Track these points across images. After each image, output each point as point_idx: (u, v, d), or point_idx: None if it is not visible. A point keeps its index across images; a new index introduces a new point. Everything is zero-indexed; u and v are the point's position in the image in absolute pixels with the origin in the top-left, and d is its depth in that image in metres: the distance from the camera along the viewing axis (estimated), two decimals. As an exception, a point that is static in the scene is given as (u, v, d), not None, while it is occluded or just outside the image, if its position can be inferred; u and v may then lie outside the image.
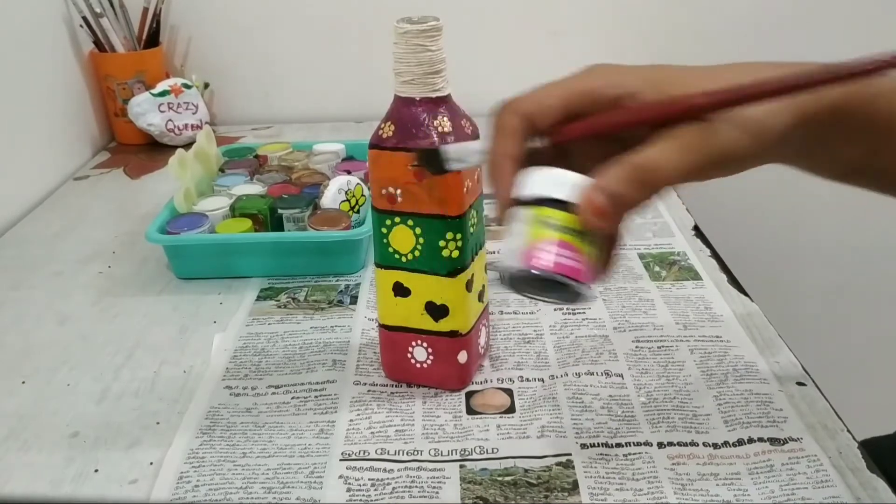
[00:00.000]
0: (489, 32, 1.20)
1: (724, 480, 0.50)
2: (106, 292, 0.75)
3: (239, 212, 0.78)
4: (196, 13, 1.20)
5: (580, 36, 1.22)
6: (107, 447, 0.55)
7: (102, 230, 0.88)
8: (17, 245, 0.86)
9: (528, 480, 0.50)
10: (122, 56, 1.12)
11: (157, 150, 1.12)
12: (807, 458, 0.51)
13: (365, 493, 0.50)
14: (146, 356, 0.65)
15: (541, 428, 0.55)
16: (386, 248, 0.56)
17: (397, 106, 0.53)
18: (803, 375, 0.60)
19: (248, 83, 1.24)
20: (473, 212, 0.56)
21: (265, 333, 0.67)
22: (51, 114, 1.05)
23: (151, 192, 0.97)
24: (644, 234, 0.83)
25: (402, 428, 0.56)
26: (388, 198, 0.54)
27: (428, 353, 0.58)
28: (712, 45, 1.18)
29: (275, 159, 0.93)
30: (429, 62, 0.51)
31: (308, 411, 0.58)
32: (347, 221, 0.75)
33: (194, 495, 0.50)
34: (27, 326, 0.70)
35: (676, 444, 0.53)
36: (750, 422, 0.55)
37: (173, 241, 0.75)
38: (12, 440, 0.56)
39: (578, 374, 0.60)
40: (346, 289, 0.74)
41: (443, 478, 0.51)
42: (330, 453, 0.53)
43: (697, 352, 0.63)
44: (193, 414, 0.58)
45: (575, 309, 0.69)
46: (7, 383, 0.62)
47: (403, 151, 0.52)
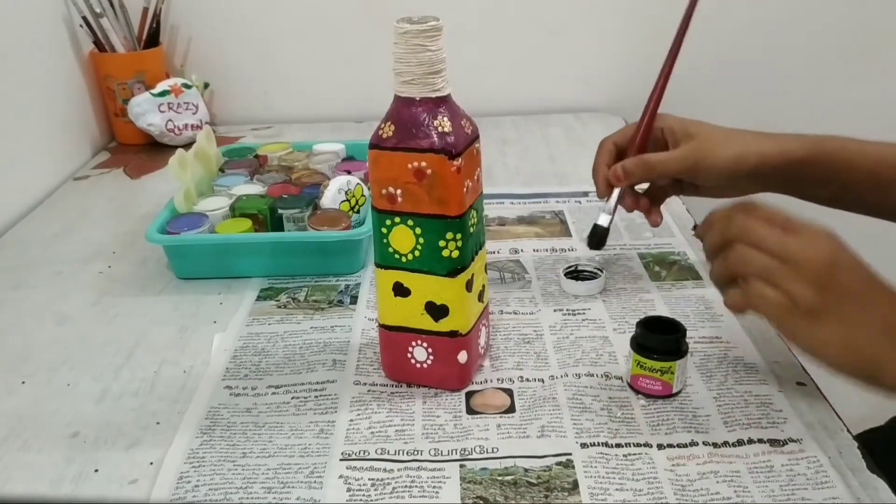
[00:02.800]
0: (489, 32, 1.20)
1: (724, 478, 0.50)
2: (106, 292, 0.75)
3: (239, 212, 0.78)
4: (196, 13, 1.20)
5: (580, 36, 1.22)
6: (107, 447, 0.55)
7: (102, 230, 0.88)
8: (17, 245, 0.86)
9: (528, 480, 0.50)
10: (122, 56, 1.12)
11: (157, 150, 1.12)
12: (807, 458, 0.51)
13: (365, 492, 0.50)
14: (146, 356, 0.65)
15: (541, 428, 0.55)
16: (386, 248, 0.56)
17: (397, 106, 0.53)
18: (803, 375, 0.60)
19: (248, 83, 1.24)
20: (473, 212, 0.56)
21: (265, 333, 0.67)
22: (51, 114, 1.05)
23: (151, 192, 0.97)
24: (644, 234, 0.83)
25: (402, 428, 0.56)
26: (388, 198, 0.54)
27: (428, 353, 0.58)
28: (713, 45, 1.18)
29: (275, 159, 0.93)
30: (429, 62, 0.51)
31: (308, 411, 0.58)
32: (347, 221, 0.75)
33: (194, 495, 0.50)
34: (27, 326, 0.70)
35: (676, 446, 0.53)
36: (750, 423, 0.55)
37: (173, 241, 0.75)
38: (12, 440, 0.56)
39: (578, 376, 0.60)
40: (346, 289, 0.74)
41: (443, 478, 0.51)
42: (330, 453, 0.53)
43: (697, 353, 0.63)
44: (193, 414, 0.58)
45: (574, 310, 0.69)
46: (7, 383, 0.62)
47: (403, 151, 0.52)
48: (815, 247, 0.51)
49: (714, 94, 1.15)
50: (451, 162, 0.52)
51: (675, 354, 0.57)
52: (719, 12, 1.18)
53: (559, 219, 0.87)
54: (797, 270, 0.50)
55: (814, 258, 0.51)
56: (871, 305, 0.51)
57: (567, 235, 0.83)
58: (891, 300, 0.51)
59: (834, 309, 0.50)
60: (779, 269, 0.51)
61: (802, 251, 0.51)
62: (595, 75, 1.24)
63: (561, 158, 1.06)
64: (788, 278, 0.50)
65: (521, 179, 0.99)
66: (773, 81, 1.23)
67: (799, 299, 0.50)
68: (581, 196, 0.93)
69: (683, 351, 0.57)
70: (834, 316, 0.50)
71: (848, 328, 0.50)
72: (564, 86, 1.25)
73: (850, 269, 0.51)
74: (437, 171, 0.52)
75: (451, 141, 0.52)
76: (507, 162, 1.05)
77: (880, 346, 0.50)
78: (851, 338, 0.50)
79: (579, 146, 1.09)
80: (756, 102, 1.19)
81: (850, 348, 0.50)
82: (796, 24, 1.20)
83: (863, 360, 0.51)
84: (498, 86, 1.23)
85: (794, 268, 0.50)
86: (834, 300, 0.50)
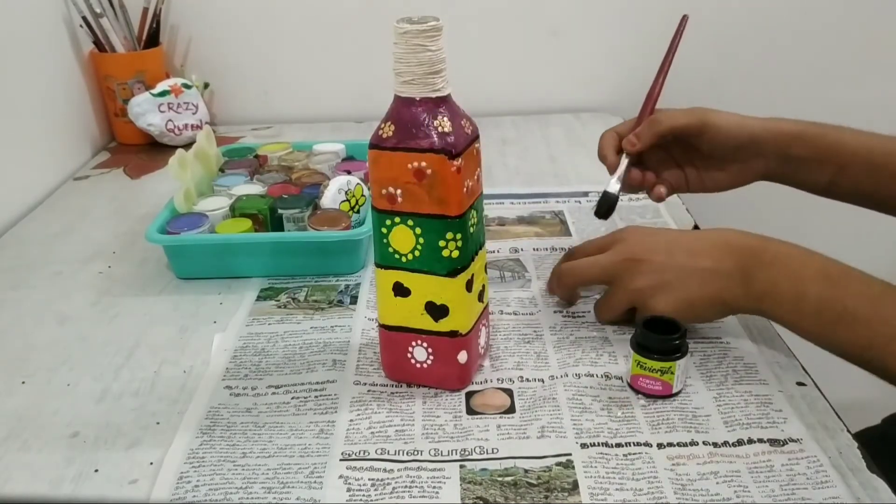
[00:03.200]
0: (489, 32, 1.20)
1: (724, 478, 0.50)
2: (106, 292, 0.75)
3: (239, 212, 0.78)
4: (196, 13, 1.20)
5: (580, 36, 1.22)
6: (107, 447, 0.55)
7: (102, 230, 0.88)
8: (17, 245, 0.86)
9: (528, 480, 0.50)
10: (122, 56, 1.12)
11: (157, 150, 1.12)
12: (807, 458, 0.51)
13: (365, 493, 0.50)
14: (146, 356, 0.65)
15: (541, 428, 0.55)
16: (386, 248, 0.56)
17: (397, 106, 0.53)
18: (803, 375, 0.60)
19: (248, 83, 1.24)
20: (473, 212, 0.56)
21: (265, 333, 0.67)
22: (51, 114, 1.05)
23: (151, 192, 0.97)
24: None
25: (402, 428, 0.56)
26: (388, 198, 0.54)
27: (428, 353, 0.58)
28: (713, 45, 1.19)
29: (275, 159, 0.93)
30: (429, 62, 0.51)
31: (308, 411, 0.58)
32: (347, 221, 0.75)
33: (194, 495, 0.50)
34: (27, 326, 0.70)
35: (676, 445, 0.53)
36: (750, 423, 0.55)
37: (173, 241, 0.75)
38: (12, 440, 0.56)
39: (578, 376, 0.60)
40: (346, 289, 0.74)
41: (443, 478, 0.51)
42: (330, 453, 0.53)
43: (697, 353, 0.62)
44: (193, 414, 0.58)
45: (574, 310, 0.69)
46: (7, 383, 0.62)
47: (403, 151, 0.52)
48: (627, 246, 0.65)
49: (714, 94, 1.14)
50: (451, 162, 0.52)
51: (675, 354, 0.57)
52: (718, 12, 1.18)
53: (559, 219, 0.87)
54: (626, 272, 0.63)
55: (631, 256, 0.64)
56: (691, 261, 0.62)
57: (567, 235, 0.83)
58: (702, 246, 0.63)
59: (667, 282, 0.62)
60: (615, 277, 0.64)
61: (608, 258, 0.65)
62: (595, 75, 1.24)
63: (561, 158, 1.06)
64: (625, 282, 0.63)
65: (521, 179, 0.99)
66: (773, 82, 1.23)
67: (640, 290, 0.63)
68: (581, 196, 0.93)
69: (683, 351, 0.57)
70: (670, 287, 0.61)
71: (685, 289, 0.61)
72: (564, 86, 1.25)
73: (657, 242, 0.64)
74: (437, 171, 0.52)
75: (451, 141, 0.52)
76: (507, 162, 1.05)
77: (716, 285, 0.61)
78: (686, 300, 0.61)
79: (579, 146, 1.09)
80: (756, 103, 1.19)
81: (691, 307, 0.61)
82: (796, 24, 1.20)
83: (711, 302, 0.61)
84: (498, 86, 1.24)
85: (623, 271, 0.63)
86: (665, 275, 0.62)
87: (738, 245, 0.62)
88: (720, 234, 0.64)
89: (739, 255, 0.61)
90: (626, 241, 0.65)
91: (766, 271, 0.59)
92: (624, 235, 0.67)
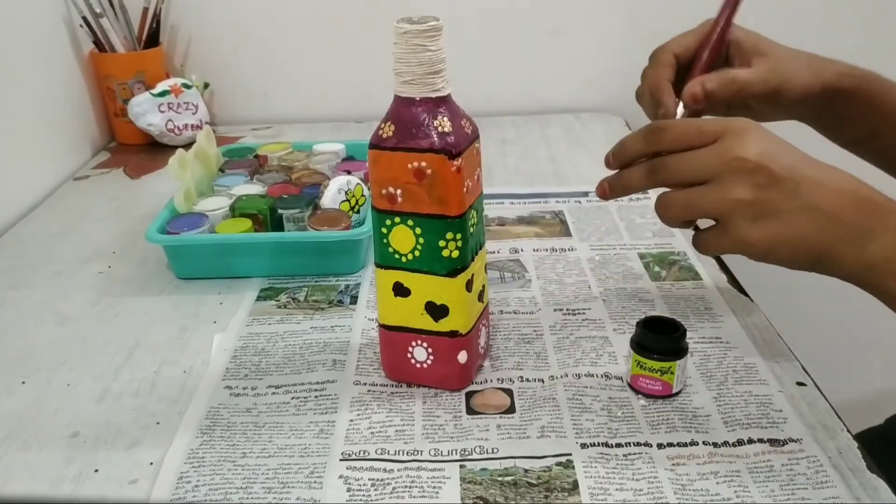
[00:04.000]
0: (489, 32, 1.20)
1: (724, 478, 0.50)
2: (106, 292, 0.75)
3: (239, 212, 0.78)
4: (196, 13, 1.20)
5: (580, 36, 1.22)
6: (107, 447, 0.55)
7: (102, 230, 0.88)
8: (17, 245, 0.86)
9: (528, 480, 0.50)
10: (122, 56, 1.12)
11: (157, 150, 1.12)
12: (807, 458, 0.51)
13: (365, 493, 0.50)
14: (146, 356, 0.65)
15: (541, 428, 0.55)
16: (386, 248, 0.56)
17: (397, 106, 0.53)
18: (803, 375, 0.60)
19: (248, 83, 1.24)
20: (473, 212, 0.56)
21: (265, 333, 0.67)
22: (51, 114, 1.05)
23: (151, 192, 0.97)
24: (644, 234, 0.82)
25: (402, 428, 0.56)
26: (388, 198, 0.54)
27: (428, 353, 0.58)
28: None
29: (275, 159, 0.93)
30: (429, 62, 0.51)
31: (308, 411, 0.58)
32: (347, 221, 0.75)
33: (194, 495, 0.50)
34: (27, 326, 0.70)
35: (676, 445, 0.53)
36: (750, 423, 0.55)
37: (173, 241, 0.75)
38: (12, 440, 0.56)
39: (578, 376, 0.60)
40: (346, 289, 0.74)
41: (443, 478, 0.51)
42: (330, 453, 0.53)
43: (697, 353, 0.62)
44: (193, 414, 0.58)
45: (574, 310, 0.69)
46: (7, 383, 0.62)
47: (403, 151, 0.52)
48: (743, 144, 0.51)
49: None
50: (451, 162, 0.52)
51: (675, 354, 0.57)
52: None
53: (559, 219, 0.87)
54: (731, 174, 0.51)
55: (744, 157, 0.51)
56: (812, 195, 0.51)
57: (567, 235, 0.83)
58: (829, 184, 0.52)
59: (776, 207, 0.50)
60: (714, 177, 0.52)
61: (714, 151, 0.51)
62: (595, 75, 1.24)
63: (561, 158, 1.06)
64: (725, 186, 0.51)
65: (521, 179, 0.99)
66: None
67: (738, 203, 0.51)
68: (581, 196, 0.93)
69: (683, 351, 0.57)
70: (776, 216, 0.50)
71: (793, 226, 0.50)
72: (564, 86, 1.25)
73: (781, 155, 0.52)
74: (437, 171, 0.52)
75: (451, 141, 0.52)
76: (507, 162, 1.05)
77: (830, 236, 0.51)
78: (786, 240, 0.51)
79: (579, 146, 1.09)
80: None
81: (790, 249, 0.51)
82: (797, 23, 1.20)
83: (814, 253, 0.51)
84: (498, 86, 1.24)
85: (728, 172, 0.51)
86: (776, 197, 0.50)
87: (867, 199, 0.52)
88: (850, 177, 0.53)
89: (866, 210, 0.51)
90: (742, 137, 0.52)
91: (890, 237, 0.50)
92: (738, 127, 0.53)
